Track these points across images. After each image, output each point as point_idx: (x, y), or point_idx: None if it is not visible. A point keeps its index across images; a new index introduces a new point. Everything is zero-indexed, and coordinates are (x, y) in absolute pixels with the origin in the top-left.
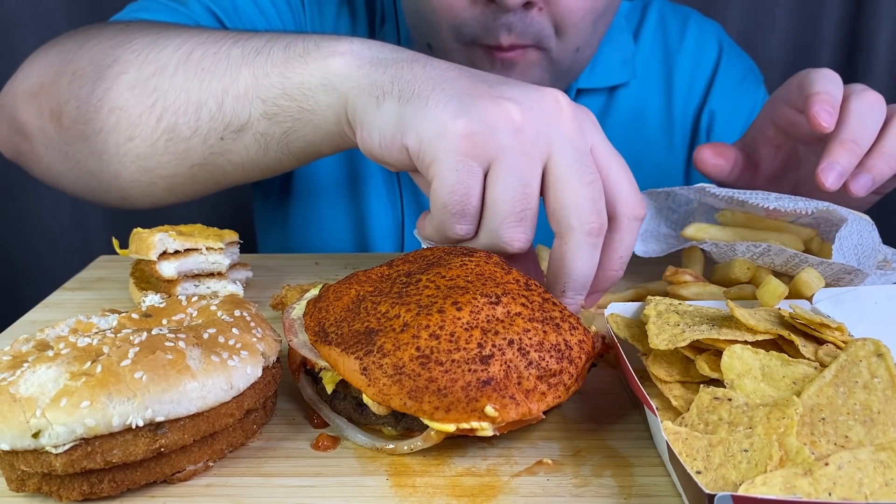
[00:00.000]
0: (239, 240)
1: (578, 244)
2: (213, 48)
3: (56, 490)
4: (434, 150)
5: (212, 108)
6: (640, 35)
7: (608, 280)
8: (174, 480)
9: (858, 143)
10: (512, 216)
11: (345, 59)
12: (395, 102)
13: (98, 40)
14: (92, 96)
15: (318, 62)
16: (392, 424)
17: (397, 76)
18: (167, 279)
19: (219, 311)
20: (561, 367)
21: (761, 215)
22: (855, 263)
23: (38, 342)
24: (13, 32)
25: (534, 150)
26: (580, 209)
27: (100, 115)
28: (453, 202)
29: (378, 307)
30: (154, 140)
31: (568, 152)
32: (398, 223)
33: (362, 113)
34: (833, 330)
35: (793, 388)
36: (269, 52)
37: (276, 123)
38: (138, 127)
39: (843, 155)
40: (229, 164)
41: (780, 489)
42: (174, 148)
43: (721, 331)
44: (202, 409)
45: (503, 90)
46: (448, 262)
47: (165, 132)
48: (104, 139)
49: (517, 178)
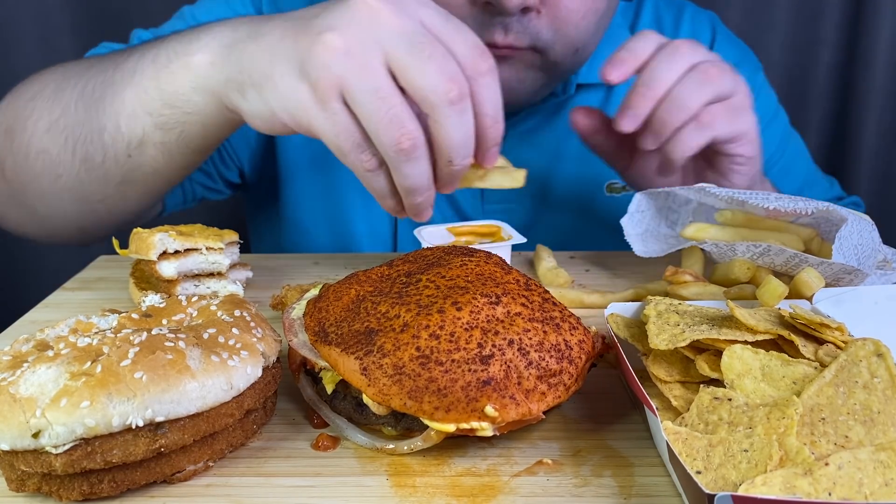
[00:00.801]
0: (239, 240)
1: (446, 115)
2: (101, 77)
3: (56, 490)
4: (303, 118)
5: (111, 131)
6: (635, 29)
7: (491, 136)
8: (174, 480)
9: (649, 87)
10: (383, 122)
11: (198, 57)
12: (254, 90)
13: (19, 94)
14: (21, 147)
15: (181, 69)
16: (392, 424)
17: (241, 63)
18: (167, 279)
19: (219, 311)
20: (561, 367)
21: (761, 215)
22: (855, 263)
23: (38, 342)
24: (13, 32)
25: (368, 59)
26: (432, 84)
27: (28, 163)
28: (343, 142)
29: (378, 307)
30: (76, 172)
31: (398, 41)
32: (390, 223)
33: (235, 106)
34: (833, 330)
35: (793, 388)
36: (143, 70)
37: (168, 131)
38: (60, 165)
39: (633, 98)
40: (147, 175)
41: (780, 489)
42: (94, 175)
43: (721, 331)
44: (202, 409)
45: (319, 23)
46: (448, 262)
47: (82, 163)
48: (39, 183)
49: (368, 92)
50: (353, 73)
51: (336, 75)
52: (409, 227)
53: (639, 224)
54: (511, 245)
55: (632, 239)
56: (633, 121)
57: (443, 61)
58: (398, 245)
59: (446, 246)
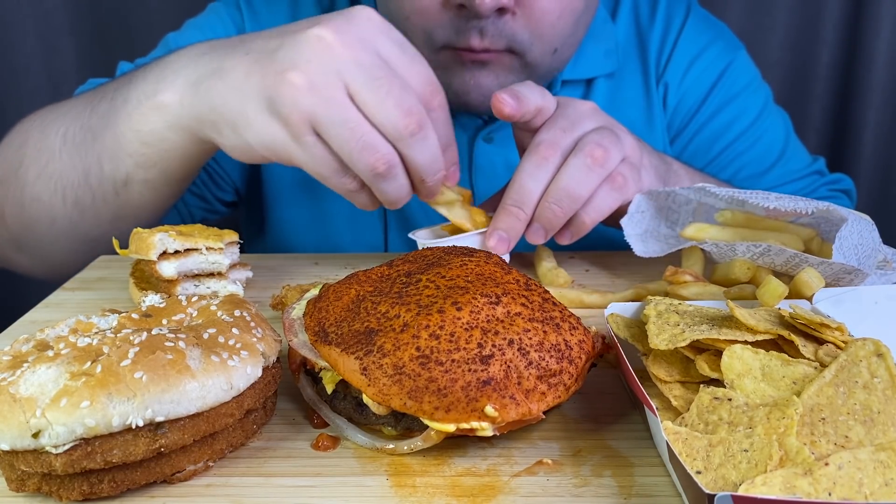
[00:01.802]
0: (239, 240)
1: (409, 146)
2: (79, 122)
3: (56, 490)
4: (280, 149)
5: (96, 173)
6: (617, 14)
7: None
8: (174, 480)
9: (521, 207)
10: (356, 150)
11: (166, 96)
12: (228, 128)
13: (8, 144)
14: (16, 195)
15: (152, 110)
16: (392, 424)
17: (210, 101)
18: (167, 279)
19: (219, 311)
20: (561, 367)
21: (761, 215)
22: (855, 263)
23: (38, 342)
24: (13, 32)
25: (332, 93)
26: (392, 119)
27: (24, 210)
28: (323, 170)
29: (378, 307)
30: (69, 215)
31: (355, 73)
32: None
33: (212, 140)
34: (833, 330)
35: (793, 388)
36: (116, 112)
37: (150, 168)
38: (53, 209)
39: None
40: (137, 209)
41: (780, 489)
42: (87, 216)
43: (721, 331)
44: (202, 409)
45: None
46: (448, 263)
47: (74, 206)
48: (36, 228)
49: (335, 123)
50: (320, 108)
51: (305, 111)
52: (401, 236)
53: (639, 224)
54: None
55: (632, 239)
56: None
57: (400, 95)
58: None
59: (446, 246)
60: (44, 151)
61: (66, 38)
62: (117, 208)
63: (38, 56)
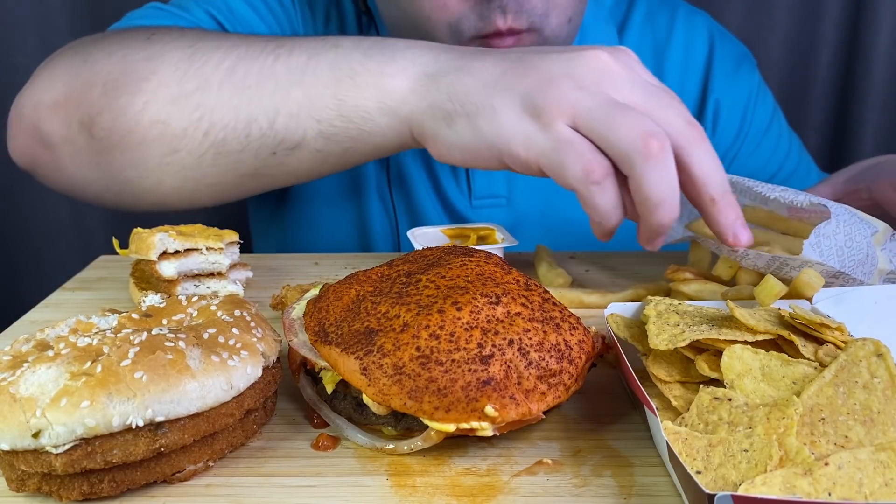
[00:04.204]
0: (239, 240)
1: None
2: (256, 64)
3: (56, 490)
4: (519, 144)
5: (262, 125)
6: (626, 30)
7: None
8: (174, 480)
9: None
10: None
11: (396, 80)
12: (465, 120)
13: (127, 51)
14: (129, 108)
15: (370, 85)
16: (392, 424)
17: (452, 92)
18: (167, 279)
19: (219, 311)
20: (561, 367)
21: (783, 215)
22: (836, 265)
23: (38, 342)
24: (13, 32)
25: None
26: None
27: (139, 128)
28: (566, 158)
29: (378, 307)
30: (201, 153)
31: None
32: (392, 224)
33: (433, 134)
34: (833, 330)
35: (793, 388)
36: (316, 72)
37: (334, 143)
38: (183, 140)
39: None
40: (281, 175)
41: (779, 489)
42: (223, 161)
43: (721, 331)
44: (202, 409)
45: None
46: (448, 262)
47: (213, 146)
48: (144, 151)
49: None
50: (586, 99)
51: (569, 102)
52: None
53: None
54: (504, 248)
55: None
56: None
57: (680, 107)
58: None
59: (446, 246)
60: (193, 77)
61: (66, 38)
62: (262, 167)
63: (38, 56)
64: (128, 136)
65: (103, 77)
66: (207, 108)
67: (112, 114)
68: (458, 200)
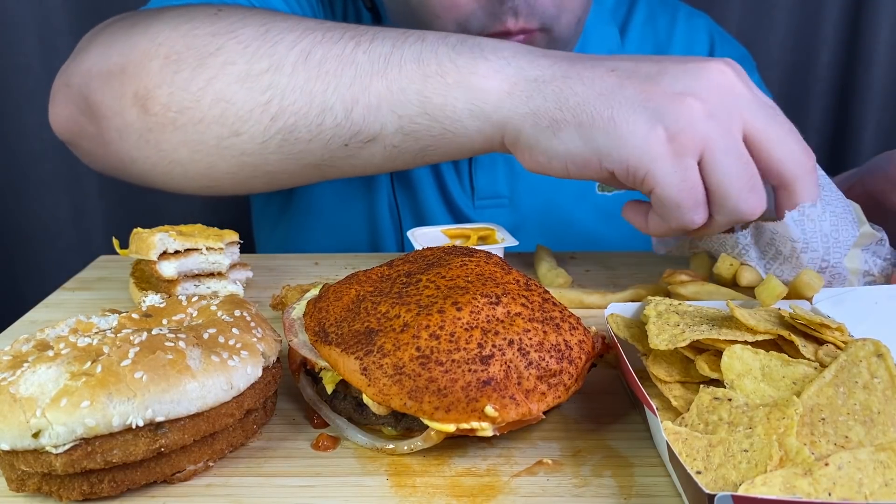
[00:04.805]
0: (239, 240)
1: (808, 185)
2: (335, 49)
3: (56, 490)
4: (645, 165)
5: (338, 114)
6: (627, 31)
7: None
8: (174, 480)
9: None
10: (744, 189)
11: (490, 82)
12: (575, 130)
13: (193, 24)
14: (191, 83)
15: (460, 85)
16: (392, 424)
17: (561, 100)
18: (167, 279)
19: (219, 311)
20: (561, 368)
21: None
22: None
23: (38, 342)
24: (13, 32)
25: (731, 125)
26: (797, 156)
27: (200, 105)
28: (685, 199)
29: (378, 307)
30: (265, 139)
31: (758, 113)
32: (396, 224)
33: (533, 141)
34: (833, 330)
35: (793, 389)
36: (401, 64)
37: (414, 140)
38: (247, 123)
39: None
40: (347, 167)
41: (780, 489)
42: (289, 149)
43: (721, 331)
44: (202, 409)
45: (672, 84)
46: (448, 263)
47: (280, 132)
48: (203, 130)
49: (732, 156)
50: (718, 135)
51: (701, 135)
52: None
53: None
54: (504, 248)
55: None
56: None
57: (797, 136)
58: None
59: (446, 246)
60: (264, 56)
61: (66, 38)
62: (330, 158)
63: (38, 56)
64: (185, 112)
65: (166, 49)
66: (278, 90)
67: (171, 88)
68: (462, 200)
